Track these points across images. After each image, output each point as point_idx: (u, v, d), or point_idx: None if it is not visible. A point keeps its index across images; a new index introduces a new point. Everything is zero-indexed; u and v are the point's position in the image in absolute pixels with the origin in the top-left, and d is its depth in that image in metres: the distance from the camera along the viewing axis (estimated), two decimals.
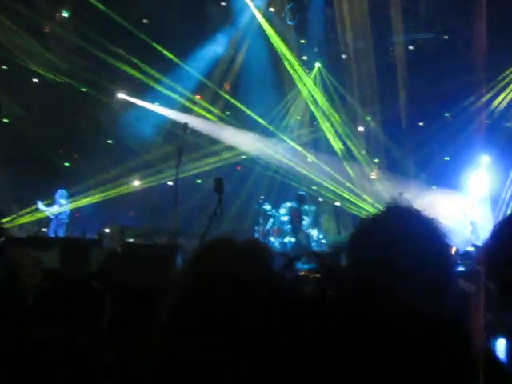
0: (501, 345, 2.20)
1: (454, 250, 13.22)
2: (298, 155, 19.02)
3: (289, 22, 18.12)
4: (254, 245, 1.76)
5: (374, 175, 19.57)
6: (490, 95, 18.08)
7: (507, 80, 18.12)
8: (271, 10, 18.38)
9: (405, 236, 1.76)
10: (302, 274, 1.96)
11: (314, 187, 18.89)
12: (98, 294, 4.57)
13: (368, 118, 19.72)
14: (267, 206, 17.42)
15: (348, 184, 18.71)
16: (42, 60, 16.73)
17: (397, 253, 1.73)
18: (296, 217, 16.07)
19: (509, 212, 17.09)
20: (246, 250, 1.71)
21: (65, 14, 17.30)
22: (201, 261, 1.73)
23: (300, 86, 19.29)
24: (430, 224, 1.81)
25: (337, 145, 19.27)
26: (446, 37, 17.96)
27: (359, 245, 1.83)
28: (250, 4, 18.07)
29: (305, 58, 19.44)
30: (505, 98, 18.26)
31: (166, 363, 1.65)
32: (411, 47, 18.44)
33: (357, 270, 1.78)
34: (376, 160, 19.51)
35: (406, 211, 1.84)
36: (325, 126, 19.41)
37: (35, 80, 17.38)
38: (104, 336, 4.24)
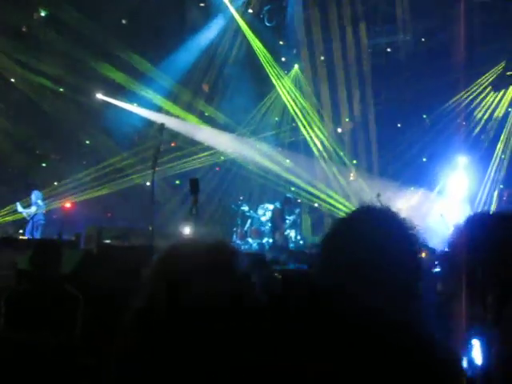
0: (476, 345, 2.18)
1: (423, 254, 13.27)
2: (277, 156, 19.03)
3: (267, 24, 18.12)
4: (219, 248, 1.75)
5: (352, 176, 19.64)
6: (466, 96, 18.28)
7: (484, 82, 18.30)
8: (250, 11, 18.37)
9: (376, 237, 1.72)
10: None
11: (292, 188, 18.91)
12: (72, 296, 4.54)
13: (346, 120, 19.79)
14: (245, 207, 17.43)
15: (326, 185, 18.75)
16: (18, 60, 16.56)
17: (366, 255, 1.69)
18: (278, 217, 16.09)
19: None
20: (209, 256, 1.71)
21: (42, 14, 17.17)
22: (161, 269, 1.73)
23: (278, 87, 19.32)
24: (402, 226, 1.77)
25: (315, 146, 19.32)
26: (424, 39, 18.10)
27: (329, 247, 1.80)
28: (229, 5, 18.05)
29: (283, 59, 19.47)
30: (482, 99, 18.44)
31: (135, 364, 1.65)
32: (389, 49, 18.55)
33: (322, 274, 1.75)
34: (354, 161, 19.58)
35: (379, 212, 1.81)
36: (303, 127, 19.45)
37: (12, 80, 17.20)
38: (78, 338, 4.21)
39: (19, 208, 14.76)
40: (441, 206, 17.57)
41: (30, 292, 4.62)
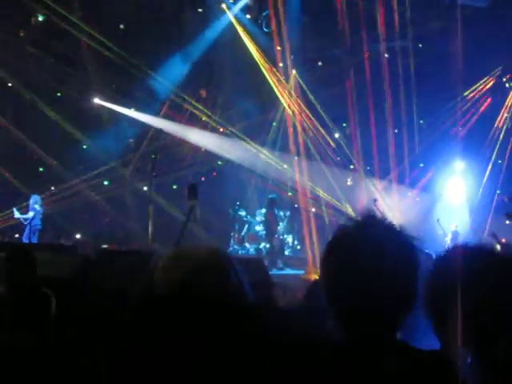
0: None
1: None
2: (275, 161, 19.04)
3: (265, 29, 18.14)
4: (214, 258, 1.79)
5: (349, 181, 19.67)
6: (463, 101, 18.36)
7: (481, 87, 18.38)
8: (248, 16, 18.41)
9: (379, 246, 1.78)
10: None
11: (289, 193, 18.92)
12: (45, 298, 4.59)
13: (344, 125, 19.82)
14: (242, 212, 17.46)
15: (324, 190, 18.76)
16: (16, 64, 16.57)
17: (368, 261, 1.75)
18: (272, 221, 16.09)
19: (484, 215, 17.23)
20: (205, 265, 1.75)
21: (40, 19, 17.18)
22: (159, 278, 1.77)
23: (276, 92, 19.35)
24: (402, 236, 1.83)
25: (313, 150, 19.34)
26: (421, 45, 18.15)
27: (333, 253, 1.84)
28: (227, 11, 18.10)
29: (281, 64, 19.49)
30: (479, 104, 18.53)
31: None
32: (386, 55, 18.58)
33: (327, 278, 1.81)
34: (351, 166, 19.60)
35: (381, 223, 1.85)
36: (301, 132, 19.49)
37: (9, 84, 17.20)
38: (50, 338, 4.25)
39: (16, 213, 14.72)
40: (438, 211, 17.62)
41: (3, 296, 4.69)
